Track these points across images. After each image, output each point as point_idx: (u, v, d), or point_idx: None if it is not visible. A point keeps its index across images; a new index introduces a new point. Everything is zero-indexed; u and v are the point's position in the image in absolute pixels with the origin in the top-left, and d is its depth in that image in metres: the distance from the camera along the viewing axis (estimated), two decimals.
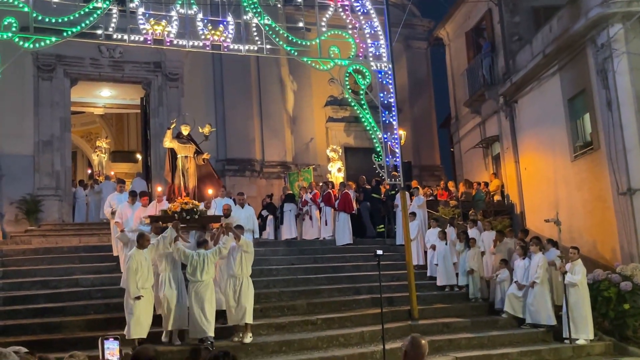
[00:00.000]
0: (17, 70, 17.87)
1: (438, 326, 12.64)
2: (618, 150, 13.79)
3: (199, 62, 21.35)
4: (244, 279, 10.98)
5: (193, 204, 12.18)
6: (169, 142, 13.37)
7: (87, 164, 30.42)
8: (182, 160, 13.39)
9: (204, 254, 10.70)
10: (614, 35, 13.78)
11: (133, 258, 10.32)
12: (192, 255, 10.70)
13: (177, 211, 11.87)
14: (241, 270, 10.96)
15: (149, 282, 10.51)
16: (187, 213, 11.91)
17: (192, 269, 10.61)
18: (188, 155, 13.44)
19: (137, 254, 10.40)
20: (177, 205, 12.01)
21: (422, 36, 26.31)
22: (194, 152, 13.55)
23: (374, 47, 13.36)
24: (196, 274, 10.56)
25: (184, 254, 10.75)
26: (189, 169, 13.39)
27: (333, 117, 23.88)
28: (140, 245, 10.55)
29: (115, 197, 14.10)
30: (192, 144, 13.60)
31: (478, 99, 21.14)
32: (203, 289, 10.55)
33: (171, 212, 11.92)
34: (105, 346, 4.48)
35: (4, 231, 18.02)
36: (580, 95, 15.52)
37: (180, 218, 11.73)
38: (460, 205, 18.61)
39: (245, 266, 11.03)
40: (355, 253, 16.20)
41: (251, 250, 11.18)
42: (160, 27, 11.58)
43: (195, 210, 12.03)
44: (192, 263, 10.60)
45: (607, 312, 12.47)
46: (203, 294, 10.52)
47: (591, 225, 15.06)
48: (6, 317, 11.32)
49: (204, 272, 10.58)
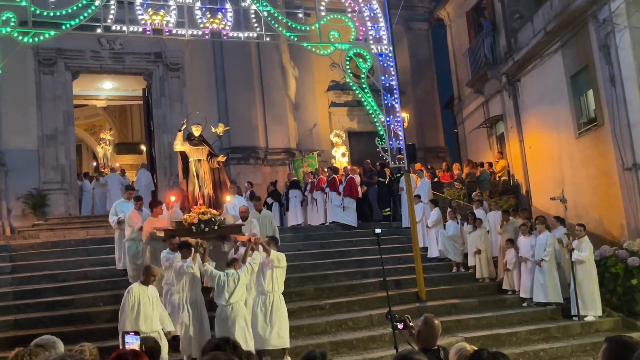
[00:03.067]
0: (19, 65, 17.90)
1: (446, 307, 12.68)
2: (622, 126, 13.71)
3: (199, 51, 21.30)
4: (276, 297, 9.92)
5: (211, 213, 11.19)
6: (179, 145, 12.09)
7: (92, 156, 30.47)
8: (195, 164, 12.07)
9: (234, 275, 9.42)
10: (616, 10, 13.64)
11: (132, 294, 8.83)
12: (219, 276, 9.43)
13: (194, 222, 10.90)
14: (272, 286, 9.88)
15: (153, 325, 8.89)
16: (206, 224, 10.96)
17: (218, 291, 9.43)
18: (201, 158, 12.12)
19: (138, 289, 8.94)
20: (193, 215, 11.00)
21: (422, 17, 26.13)
22: (207, 155, 12.25)
23: (374, 29, 13.27)
24: (222, 297, 9.36)
25: (211, 274, 9.54)
26: (203, 174, 12.05)
27: (336, 102, 23.82)
28: (145, 280, 9.11)
29: (121, 205, 13.04)
30: (205, 145, 12.29)
31: (480, 79, 21.02)
32: (232, 314, 9.33)
33: (187, 224, 10.92)
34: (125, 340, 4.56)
35: (12, 226, 18.13)
36: (583, 71, 15.42)
37: (198, 230, 10.81)
38: (465, 186, 18.59)
39: (277, 282, 9.94)
40: (362, 237, 16.23)
41: (284, 265, 10.05)
42: (159, 17, 11.52)
43: (214, 220, 11.07)
44: (219, 284, 9.38)
45: (614, 288, 12.47)
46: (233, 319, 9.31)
47: (597, 201, 15.03)
48: (16, 311, 11.42)
49: (233, 294, 9.34)
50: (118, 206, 12.99)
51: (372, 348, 10.71)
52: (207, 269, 9.64)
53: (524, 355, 10.68)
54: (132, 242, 11.98)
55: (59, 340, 4.75)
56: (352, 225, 17.21)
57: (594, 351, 10.65)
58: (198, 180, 11.97)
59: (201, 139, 12.29)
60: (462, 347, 4.24)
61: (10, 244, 14.93)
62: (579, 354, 10.96)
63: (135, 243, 11.90)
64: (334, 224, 17.46)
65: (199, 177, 11.97)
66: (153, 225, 11.44)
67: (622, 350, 3.58)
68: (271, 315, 9.76)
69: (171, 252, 10.26)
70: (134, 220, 11.99)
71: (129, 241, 12.01)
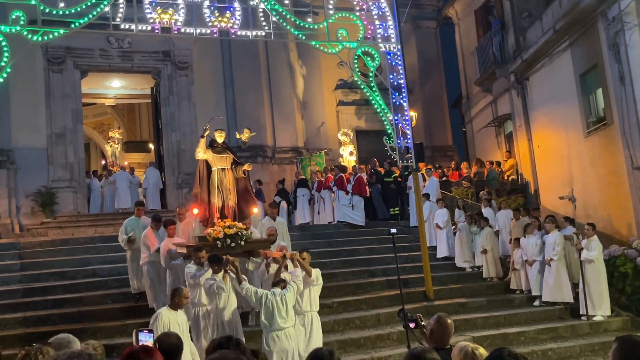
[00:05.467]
0: (28, 63, 18.01)
1: (454, 306, 12.64)
2: (632, 125, 13.63)
3: (207, 49, 21.33)
4: (314, 316, 9.27)
5: (237, 227, 10.30)
6: (202, 153, 10.91)
7: (101, 155, 30.59)
8: (219, 173, 10.90)
9: (282, 295, 8.50)
10: (625, 8, 13.56)
11: (160, 320, 7.76)
12: (265, 296, 8.44)
13: (219, 237, 10.05)
14: (310, 305, 9.21)
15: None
16: (232, 239, 10.09)
17: (267, 313, 8.40)
18: (225, 167, 10.98)
19: (167, 315, 7.90)
20: (218, 229, 10.13)
21: (430, 16, 26.10)
22: (231, 163, 11.14)
23: (382, 28, 13.25)
24: (275, 320, 8.35)
25: (255, 294, 8.54)
26: (227, 184, 10.92)
27: (343, 100, 23.82)
28: (174, 304, 8.08)
29: (131, 222, 12.02)
30: (229, 153, 11.22)
31: (489, 78, 20.97)
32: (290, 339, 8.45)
33: (211, 239, 10.11)
34: (139, 338, 4.50)
35: (21, 224, 18.22)
36: (592, 70, 15.35)
37: (223, 246, 10.00)
38: (473, 185, 18.54)
39: (315, 300, 9.31)
40: (369, 236, 16.23)
41: (321, 282, 9.42)
42: (168, 16, 11.55)
43: (240, 234, 10.20)
44: (267, 305, 8.36)
45: (623, 288, 12.42)
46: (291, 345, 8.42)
47: (606, 200, 14.96)
48: (25, 309, 11.47)
49: (288, 316, 8.46)
50: (128, 224, 11.97)
51: (380, 347, 10.70)
52: (249, 288, 8.65)
53: (532, 355, 10.62)
54: (151, 265, 11.09)
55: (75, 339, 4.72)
56: (360, 224, 17.20)
57: (602, 351, 10.62)
58: (222, 191, 10.90)
59: (224, 146, 11.27)
60: (465, 346, 4.24)
61: (19, 242, 15.02)
62: (588, 353, 10.90)
63: (155, 266, 11.03)
64: (341, 223, 17.46)
65: (223, 188, 10.90)
66: (171, 244, 10.67)
67: (633, 350, 3.55)
68: (310, 336, 9.08)
69: (198, 268, 9.32)
70: (151, 242, 11.09)
71: (146, 265, 11.13)
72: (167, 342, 4.57)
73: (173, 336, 4.80)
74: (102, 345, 5.02)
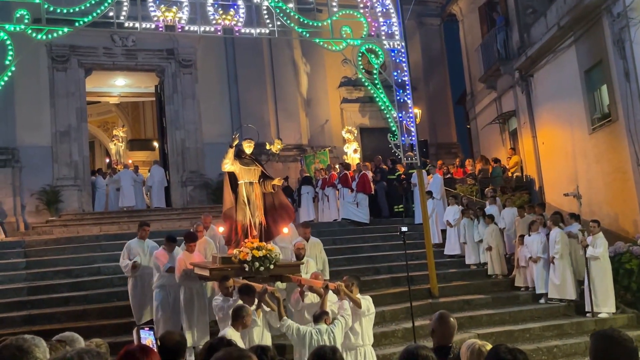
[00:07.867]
0: (32, 61, 18.09)
1: (459, 303, 12.64)
2: (637, 121, 13.58)
3: (211, 47, 21.34)
4: (368, 351, 8.29)
5: (266, 249, 9.20)
6: (230, 165, 9.74)
7: (105, 153, 30.64)
8: (246, 187, 9.75)
9: (329, 331, 7.44)
10: (630, 4, 13.50)
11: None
12: (310, 334, 7.43)
13: (246, 260, 8.96)
14: (363, 339, 8.21)
15: None
16: (261, 262, 8.99)
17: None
18: (253, 181, 9.85)
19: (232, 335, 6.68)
20: (246, 251, 9.02)
21: (434, 12, 26.03)
22: (259, 177, 9.99)
23: (386, 25, 13.21)
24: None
25: (298, 332, 7.51)
26: (254, 199, 9.76)
27: (347, 98, 23.79)
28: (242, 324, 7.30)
29: (135, 245, 10.86)
30: (258, 165, 10.13)
31: (493, 75, 20.92)
32: None
33: (238, 261, 9.03)
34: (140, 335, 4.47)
35: (26, 222, 18.28)
36: (597, 66, 15.29)
37: (251, 270, 8.97)
38: (478, 182, 18.51)
39: (369, 333, 8.31)
40: (374, 233, 16.21)
41: (373, 311, 8.43)
42: (171, 14, 11.53)
43: (269, 257, 9.09)
44: (313, 346, 7.11)
45: (629, 285, 12.37)
46: None
47: (611, 197, 14.91)
48: (30, 307, 11.51)
49: None
50: (131, 247, 10.83)
51: (385, 344, 10.67)
52: (290, 325, 7.62)
53: (537, 352, 10.62)
54: (160, 289, 10.11)
55: (79, 337, 4.71)
56: (364, 222, 17.18)
57: None
58: (249, 207, 9.71)
59: (253, 158, 10.24)
60: (473, 343, 4.22)
61: (24, 240, 15.07)
62: None
63: (166, 290, 10.08)
64: (345, 220, 17.44)
65: (250, 203, 9.72)
66: (189, 262, 9.74)
67: (608, 345, 3.26)
68: None
69: (224, 299, 8.45)
70: (162, 261, 10.07)
71: (157, 289, 10.12)
72: (171, 340, 4.53)
73: (176, 334, 4.77)
74: (106, 343, 4.99)
